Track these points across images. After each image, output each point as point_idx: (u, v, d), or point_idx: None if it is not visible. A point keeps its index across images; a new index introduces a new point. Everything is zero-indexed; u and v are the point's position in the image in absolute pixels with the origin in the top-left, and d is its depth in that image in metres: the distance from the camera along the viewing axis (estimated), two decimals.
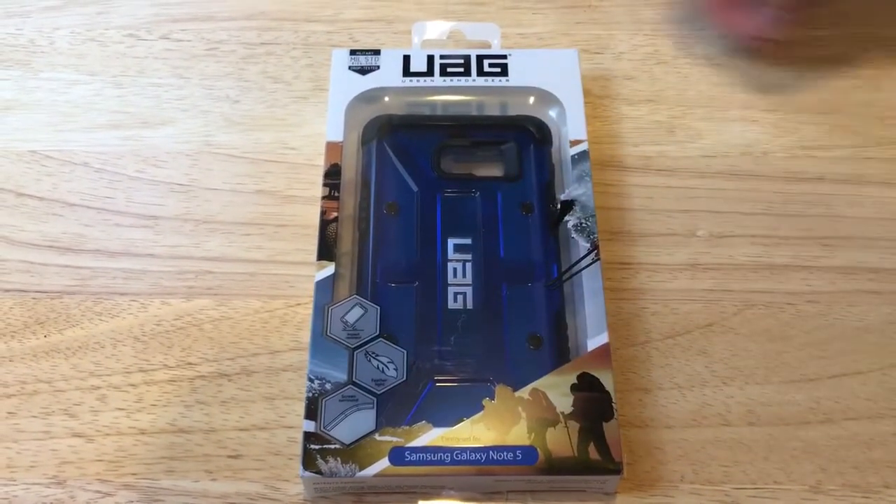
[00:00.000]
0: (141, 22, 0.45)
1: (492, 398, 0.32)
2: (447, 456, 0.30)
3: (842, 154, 0.41)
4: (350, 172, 0.38)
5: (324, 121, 0.41)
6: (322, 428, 0.31)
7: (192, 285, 0.37)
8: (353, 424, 0.31)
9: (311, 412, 0.31)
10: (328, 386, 0.32)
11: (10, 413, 0.34)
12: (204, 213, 0.39)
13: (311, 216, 0.38)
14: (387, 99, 0.40)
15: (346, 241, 0.36)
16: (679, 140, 0.41)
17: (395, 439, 0.31)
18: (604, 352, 0.33)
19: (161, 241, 0.38)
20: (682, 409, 0.34)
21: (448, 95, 0.40)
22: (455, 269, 0.35)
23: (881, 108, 0.42)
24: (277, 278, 0.37)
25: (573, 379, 0.32)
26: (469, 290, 0.35)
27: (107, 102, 0.42)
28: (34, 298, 0.37)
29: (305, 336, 0.36)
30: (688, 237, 0.39)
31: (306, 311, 0.36)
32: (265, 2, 0.46)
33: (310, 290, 0.36)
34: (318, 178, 0.40)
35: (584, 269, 0.35)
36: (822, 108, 0.42)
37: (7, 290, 0.37)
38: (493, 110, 0.40)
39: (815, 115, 0.42)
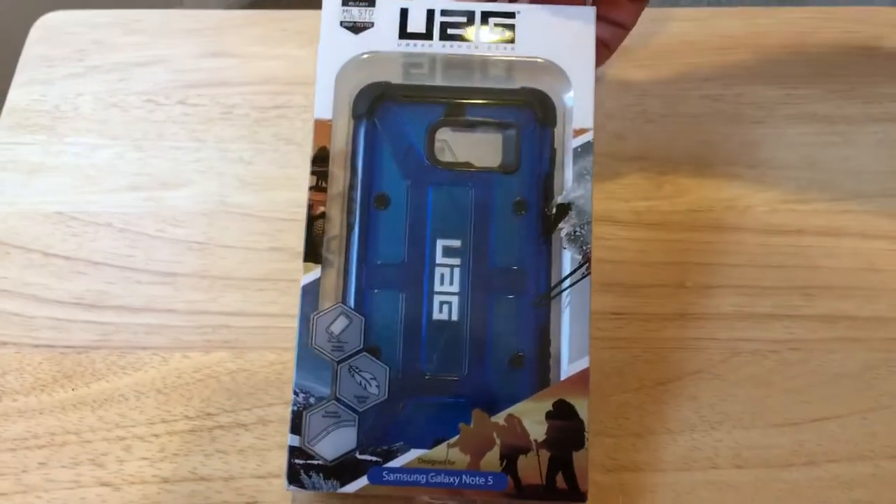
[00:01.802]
0: (159, 88, 0.48)
1: (468, 422, 0.33)
2: (423, 477, 0.32)
3: (820, 208, 0.43)
4: (340, 155, 0.36)
5: None
6: (306, 443, 0.32)
7: (210, 339, 0.39)
8: (335, 441, 0.33)
9: (296, 426, 0.33)
10: (312, 400, 0.33)
11: (41, 464, 0.36)
12: (220, 269, 0.41)
13: None
14: (381, 54, 0.36)
15: (336, 226, 0.35)
16: (667, 195, 0.44)
17: (374, 458, 0.32)
18: (583, 378, 0.33)
19: (180, 297, 0.41)
20: (674, 452, 0.36)
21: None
22: (443, 276, 0.34)
23: (857, 163, 0.45)
24: (291, 331, 0.39)
25: (549, 405, 0.33)
26: (455, 300, 0.34)
27: (128, 165, 0.45)
28: (62, 353, 0.39)
29: None
30: (677, 288, 0.41)
31: None
32: (276, 67, 0.49)
33: None
34: None
35: (573, 284, 0.34)
36: (801, 163, 0.45)
37: (37, 346, 0.39)
38: (497, 69, 0.36)
39: (794, 170, 0.45)
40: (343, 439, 0.33)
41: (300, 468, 0.32)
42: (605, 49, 0.41)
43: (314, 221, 0.34)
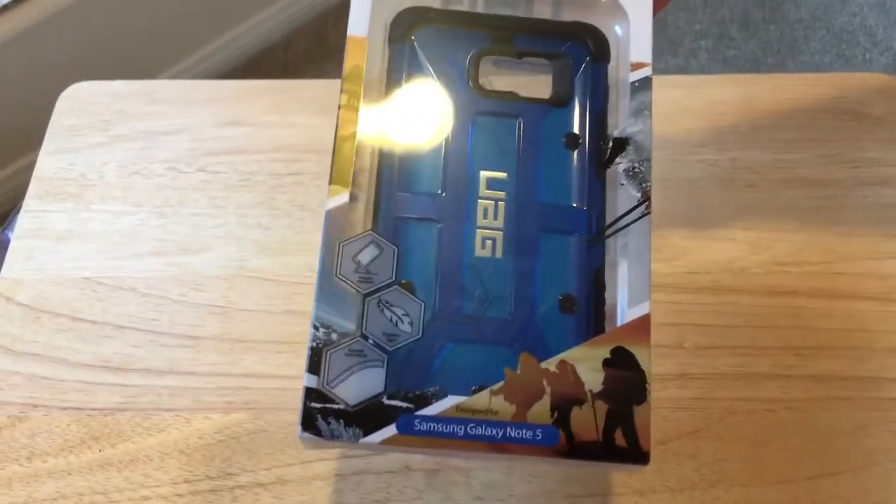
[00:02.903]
0: (180, 156, 0.50)
1: (515, 367, 0.29)
2: (460, 429, 0.28)
3: (812, 269, 0.45)
4: (374, 75, 0.32)
5: None
6: (325, 384, 0.28)
7: (231, 401, 0.41)
8: (359, 383, 0.28)
9: (315, 365, 0.28)
10: (334, 336, 0.29)
11: None
12: (240, 332, 0.44)
13: None
14: None
15: (365, 158, 0.31)
16: (666, 258, 0.46)
17: (404, 405, 0.28)
18: (643, 323, 0.29)
19: (202, 359, 0.43)
20: None
21: None
22: (486, 210, 0.31)
23: (847, 225, 0.47)
24: None
25: (606, 353, 0.29)
26: (499, 236, 0.31)
27: (151, 231, 0.47)
28: (89, 415, 0.41)
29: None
30: (675, 349, 0.43)
31: None
32: (291, 135, 0.51)
33: None
34: None
35: (631, 223, 0.31)
36: (794, 226, 0.47)
37: (65, 409, 0.41)
38: (544, 8, 0.34)
39: (787, 232, 0.47)
40: (369, 381, 0.28)
41: (317, 413, 0.28)
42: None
43: (343, 142, 0.31)
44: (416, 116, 0.32)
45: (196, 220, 0.48)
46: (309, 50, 1.40)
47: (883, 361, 0.42)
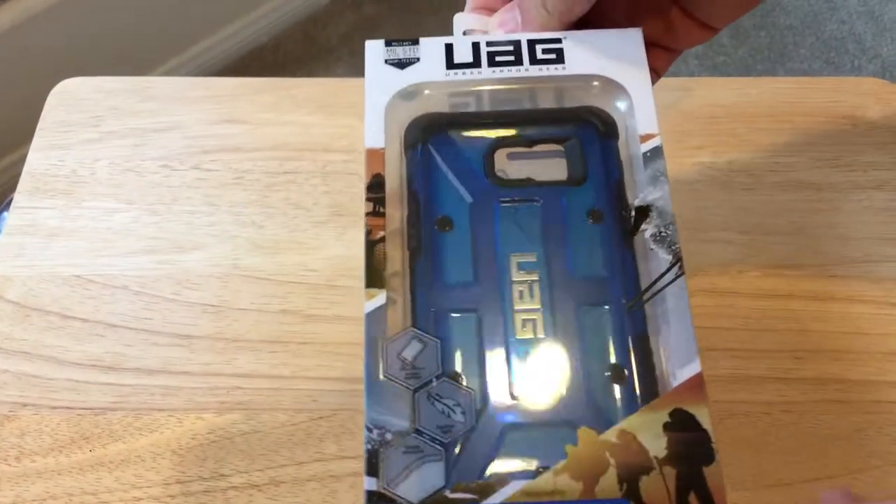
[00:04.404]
0: (174, 153, 0.49)
1: (574, 443, 0.28)
2: None
3: (809, 272, 0.45)
4: (394, 182, 0.34)
5: (342, 243, 0.45)
6: (386, 485, 0.28)
7: (224, 401, 0.41)
8: (420, 480, 0.28)
9: (373, 467, 0.28)
10: (389, 435, 0.28)
11: None
12: (233, 332, 0.43)
13: (332, 334, 0.42)
14: (427, 93, 0.35)
15: (396, 261, 0.32)
16: None
17: (468, 496, 0.28)
18: (697, 382, 0.29)
19: (195, 359, 0.42)
20: None
21: (497, 86, 0.35)
22: (521, 292, 0.31)
23: (843, 228, 0.47)
24: (301, 393, 0.41)
25: (665, 417, 0.28)
26: (538, 316, 0.31)
27: (144, 229, 0.46)
28: (79, 415, 0.40)
29: (328, 448, 0.39)
30: None
31: (329, 425, 0.40)
32: (286, 134, 0.51)
33: (332, 403, 0.40)
34: (338, 298, 0.44)
35: (667, 285, 0.31)
36: (790, 229, 0.47)
37: (55, 408, 0.40)
38: (547, 99, 0.36)
39: (783, 235, 0.47)
40: (429, 477, 0.28)
41: None
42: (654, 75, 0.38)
43: (374, 246, 0.32)
44: (440, 213, 0.33)
45: (189, 218, 0.47)
46: (297, 51, 1.39)
47: (880, 365, 0.42)
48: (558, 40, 0.35)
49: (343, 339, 0.43)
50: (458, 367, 0.30)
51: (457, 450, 0.28)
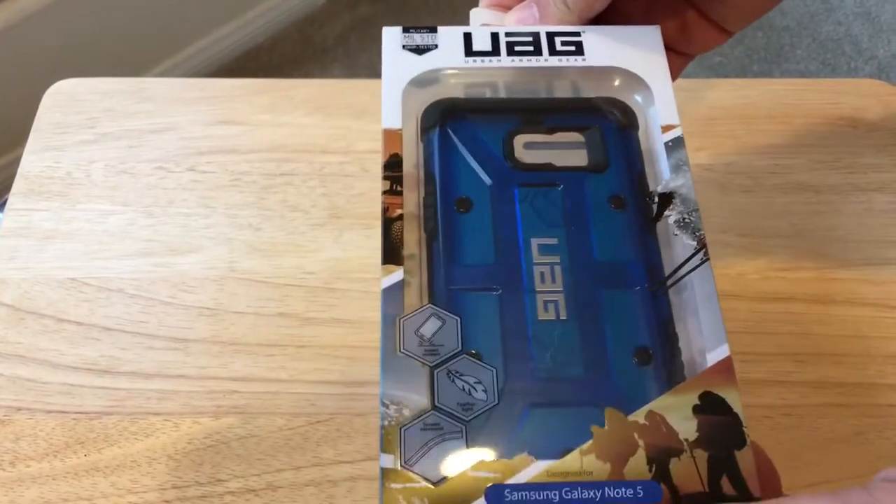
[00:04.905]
0: (170, 155, 0.49)
1: (601, 424, 0.28)
2: (555, 494, 0.26)
3: (808, 275, 0.45)
4: (410, 164, 0.33)
5: (339, 246, 0.45)
6: (403, 463, 0.27)
7: (221, 404, 0.40)
8: (439, 458, 0.27)
9: (388, 444, 0.27)
10: (406, 412, 0.28)
11: None
12: (230, 335, 0.43)
13: (329, 337, 0.42)
14: (446, 74, 0.35)
15: (411, 243, 0.31)
16: None
17: (491, 474, 0.27)
18: (726, 366, 0.29)
19: (191, 362, 0.42)
20: None
21: (514, 76, 0.35)
22: (542, 274, 0.31)
23: (843, 231, 0.47)
24: (299, 397, 0.41)
25: (694, 399, 0.28)
26: (560, 298, 0.30)
27: (139, 231, 0.46)
28: (74, 419, 0.40)
29: (326, 452, 0.39)
30: None
31: (326, 429, 0.40)
32: (283, 135, 0.50)
33: (330, 407, 0.40)
34: (336, 301, 0.44)
35: (692, 270, 0.31)
36: (790, 231, 0.47)
37: (49, 412, 0.40)
38: (564, 91, 0.36)
39: (783, 238, 0.46)
40: (449, 455, 0.27)
41: (398, 494, 0.26)
42: None
43: (391, 224, 0.31)
44: (459, 194, 0.33)
45: (185, 221, 0.47)
46: (293, 52, 1.39)
47: (880, 368, 0.42)
48: (577, 34, 0.35)
49: (341, 342, 0.42)
50: (478, 345, 0.29)
51: (478, 428, 0.28)
